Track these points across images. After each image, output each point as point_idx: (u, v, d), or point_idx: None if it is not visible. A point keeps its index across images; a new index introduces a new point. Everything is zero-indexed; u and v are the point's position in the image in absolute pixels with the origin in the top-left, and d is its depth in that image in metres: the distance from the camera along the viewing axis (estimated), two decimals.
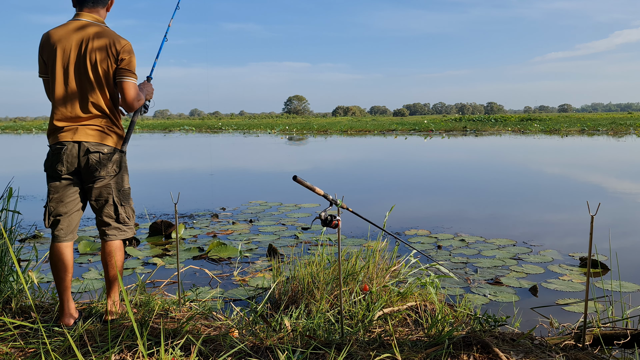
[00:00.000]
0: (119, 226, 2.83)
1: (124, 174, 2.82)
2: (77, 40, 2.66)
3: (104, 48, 2.66)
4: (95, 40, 2.65)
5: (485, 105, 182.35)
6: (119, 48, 2.68)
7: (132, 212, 2.91)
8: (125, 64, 2.70)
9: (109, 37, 2.69)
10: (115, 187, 2.78)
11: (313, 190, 2.52)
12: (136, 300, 3.16)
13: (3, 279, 3.20)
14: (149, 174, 13.26)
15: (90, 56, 2.64)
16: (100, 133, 2.70)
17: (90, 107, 2.68)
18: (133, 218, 2.93)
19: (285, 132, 40.02)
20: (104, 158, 2.70)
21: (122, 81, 2.71)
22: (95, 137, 2.68)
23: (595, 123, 38.09)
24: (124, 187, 2.83)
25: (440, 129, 37.02)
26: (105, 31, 2.71)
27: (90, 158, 2.67)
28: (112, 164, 2.73)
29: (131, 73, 2.72)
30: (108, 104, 2.73)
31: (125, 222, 2.85)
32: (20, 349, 2.44)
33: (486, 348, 2.40)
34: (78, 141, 2.66)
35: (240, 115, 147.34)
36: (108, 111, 2.73)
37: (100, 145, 2.69)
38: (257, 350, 2.47)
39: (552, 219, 6.90)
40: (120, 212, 2.82)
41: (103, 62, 2.66)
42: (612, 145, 20.31)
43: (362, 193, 9.25)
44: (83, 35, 2.67)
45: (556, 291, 4.06)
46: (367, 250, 3.75)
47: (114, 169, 2.75)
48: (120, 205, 2.81)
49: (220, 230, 6.28)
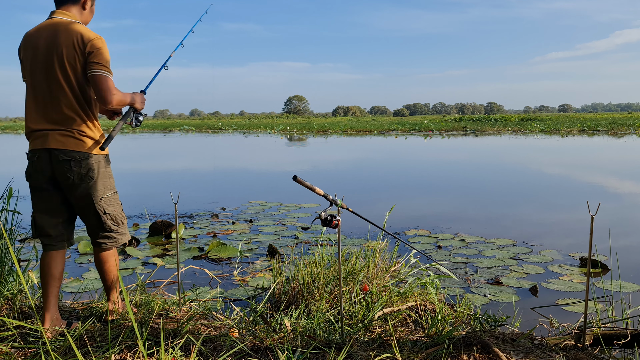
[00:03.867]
0: (107, 234, 2.68)
1: (104, 180, 2.63)
2: (45, 40, 2.54)
3: (70, 45, 2.50)
4: (62, 38, 2.51)
5: (485, 105, 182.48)
6: (86, 41, 2.50)
7: (120, 217, 2.73)
8: (94, 57, 2.50)
9: (76, 32, 2.52)
10: (95, 194, 2.60)
11: (313, 190, 2.52)
12: (136, 300, 3.16)
13: (3, 279, 3.20)
14: (149, 174, 13.26)
15: (58, 55, 2.50)
16: (71, 139, 2.52)
17: (60, 110, 2.51)
18: (123, 223, 2.76)
19: (285, 132, 40.01)
20: (76, 165, 2.52)
21: (92, 74, 2.50)
22: (66, 144, 2.50)
23: (595, 123, 38.10)
24: (106, 194, 2.64)
25: (440, 129, 37.02)
26: (72, 27, 2.54)
27: (63, 166, 2.50)
28: (87, 171, 2.55)
29: (101, 66, 2.50)
30: (80, 106, 2.55)
31: (113, 230, 2.69)
32: (20, 349, 2.44)
33: (486, 348, 2.40)
34: (48, 148, 2.50)
35: (240, 115, 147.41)
36: (81, 113, 2.55)
37: (71, 152, 2.50)
38: (257, 350, 2.47)
39: (552, 219, 6.89)
40: (104, 221, 2.65)
41: (71, 60, 2.50)
42: (612, 145, 20.31)
43: (362, 193, 9.24)
44: (50, 34, 2.54)
45: (556, 291, 4.06)
46: (367, 250, 3.75)
47: (90, 176, 2.56)
48: (103, 214, 2.64)
49: (220, 230, 6.28)
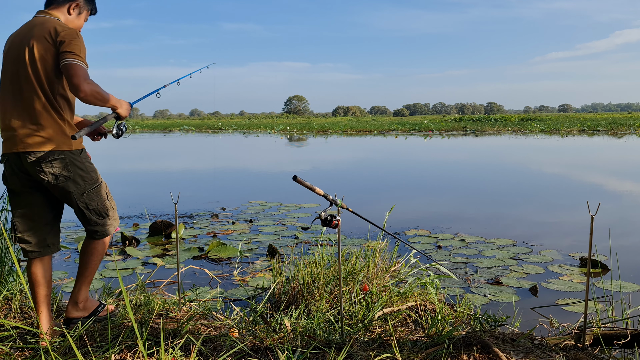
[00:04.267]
0: (93, 228, 2.59)
1: (83, 175, 2.51)
2: (19, 35, 2.46)
3: (42, 37, 2.39)
4: (35, 32, 2.41)
5: (485, 105, 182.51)
6: (59, 31, 2.39)
7: (105, 209, 2.60)
8: (66, 47, 2.36)
9: (50, 25, 2.42)
10: (75, 191, 2.49)
11: (313, 190, 2.52)
12: (136, 300, 3.16)
13: (3, 279, 3.21)
14: (149, 174, 13.26)
15: (29, 49, 2.39)
16: (37, 137, 2.39)
17: (27, 107, 2.40)
18: (109, 215, 2.63)
19: (285, 132, 40.01)
20: (47, 166, 2.41)
21: (65, 64, 2.35)
22: (33, 144, 2.39)
23: (595, 123, 38.10)
24: (87, 189, 2.52)
25: (440, 129, 37.01)
26: (48, 22, 2.44)
27: (34, 168, 2.41)
28: (60, 171, 2.44)
29: (74, 55, 2.36)
30: (49, 102, 2.42)
31: (99, 223, 2.60)
32: (19, 349, 2.44)
33: (486, 348, 2.40)
34: (16, 152, 2.41)
35: (240, 115, 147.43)
36: (50, 110, 2.42)
37: (38, 153, 2.39)
38: (257, 350, 2.47)
39: (552, 219, 6.89)
40: (89, 217, 2.56)
41: (42, 53, 2.38)
42: (612, 145, 20.31)
43: (362, 193, 9.24)
44: (26, 30, 2.46)
45: (556, 291, 4.06)
46: (367, 250, 3.75)
47: (65, 175, 2.45)
48: (87, 209, 2.54)
49: (220, 230, 6.28)
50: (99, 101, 2.43)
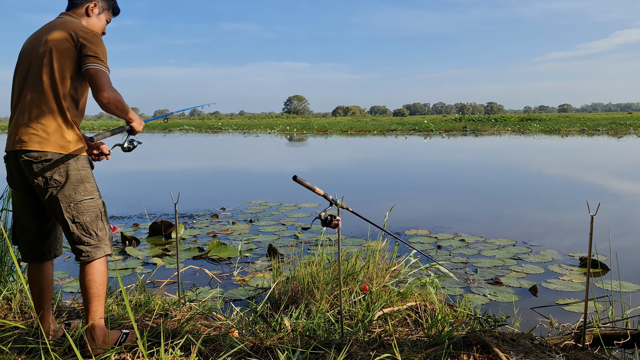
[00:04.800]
0: (77, 247, 2.36)
1: (77, 184, 2.34)
2: (38, 33, 2.44)
3: (62, 38, 2.34)
4: (55, 31, 2.37)
5: (485, 105, 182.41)
6: (81, 34, 2.34)
7: (94, 227, 2.37)
8: (89, 50, 2.32)
9: (71, 26, 2.38)
10: (63, 200, 2.31)
11: (313, 190, 2.52)
12: (136, 300, 3.16)
13: (3, 279, 3.21)
14: (149, 174, 13.26)
15: (47, 51, 2.34)
16: (35, 136, 2.29)
17: (33, 105, 2.32)
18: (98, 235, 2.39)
19: (285, 132, 40.01)
20: (38, 167, 2.28)
21: (88, 68, 2.30)
22: (29, 143, 2.28)
23: (595, 123, 38.10)
24: (77, 200, 2.33)
25: (440, 129, 37.01)
26: (69, 23, 2.41)
27: (27, 168, 2.30)
28: (52, 174, 2.29)
29: (97, 59, 2.32)
30: (57, 103, 2.33)
31: (83, 242, 2.35)
32: (20, 349, 2.44)
33: (486, 348, 2.40)
34: (15, 150, 2.32)
35: (240, 115, 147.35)
36: (55, 110, 2.32)
37: (31, 152, 2.28)
38: (257, 350, 2.47)
39: (552, 219, 6.89)
40: (72, 230, 2.32)
41: (63, 55, 2.33)
42: (612, 145, 20.31)
43: (362, 193, 9.24)
44: (46, 29, 2.43)
45: (556, 291, 4.06)
46: (367, 250, 3.75)
47: (56, 180, 2.30)
48: (72, 222, 2.32)
49: (220, 230, 6.28)
50: (119, 110, 2.39)
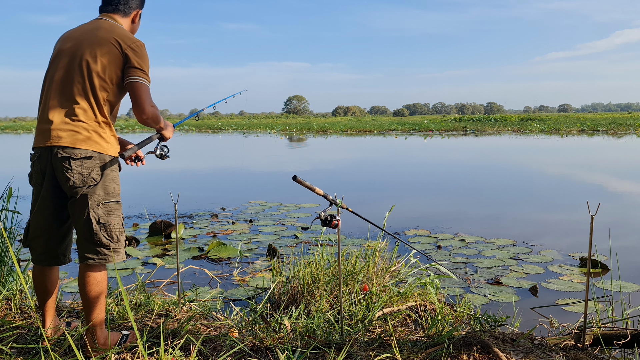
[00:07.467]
0: (97, 248, 2.30)
1: (107, 185, 2.32)
2: (81, 32, 2.39)
3: (109, 44, 2.32)
4: (101, 36, 2.34)
5: (485, 105, 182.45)
6: (129, 43, 2.34)
7: (117, 231, 2.35)
8: (135, 62, 2.33)
9: (119, 33, 2.37)
10: (92, 199, 2.27)
11: (313, 190, 2.52)
12: (136, 300, 3.16)
13: (3, 279, 3.20)
14: (149, 174, 13.26)
15: (91, 53, 2.31)
16: (76, 134, 2.26)
17: (72, 107, 2.28)
18: (119, 240, 2.37)
19: (285, 132, 40.01)
20: (76, 164, 2.24)
21: (132, 81, 2.32)
22: (68, 140, 2.25)
23: (595, 123, 38.11)
24: (105, 200, 2.31)
25: (440, 129, 37.02)
26: (116, 28, 2.39)
27: (62, 164, 2.25)
28: (89, 172, 2.26)
29: (142, 72, 2.34)
30: (98, 105, 2.31)
31: (104, 244, 2.30)
32: (19, 349, 2.44)
33: (486, 348, 2.40)
34: (49, 146, 2.26)
35: (240, 115, 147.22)
36: (95, 110, 2.31)
37: (72, 149, 2.24)
38: (257, 350, 2.47)
39: (552, 219, 6.89)
40: (95, 231, 2.28)
41: (107, 59, 2.31)
42: (612, 145, 20.31)
43: (362, 193, 9.24)
44: (90, 28, 2.40)
45: (556, 291, 4.06)
46: (367, 250, 3.75)
47: (93, 178, 2.27)
48: (97, 223, 2.28)
49: (220, 230, 6.28)
50: (154, 123, 2.45)
